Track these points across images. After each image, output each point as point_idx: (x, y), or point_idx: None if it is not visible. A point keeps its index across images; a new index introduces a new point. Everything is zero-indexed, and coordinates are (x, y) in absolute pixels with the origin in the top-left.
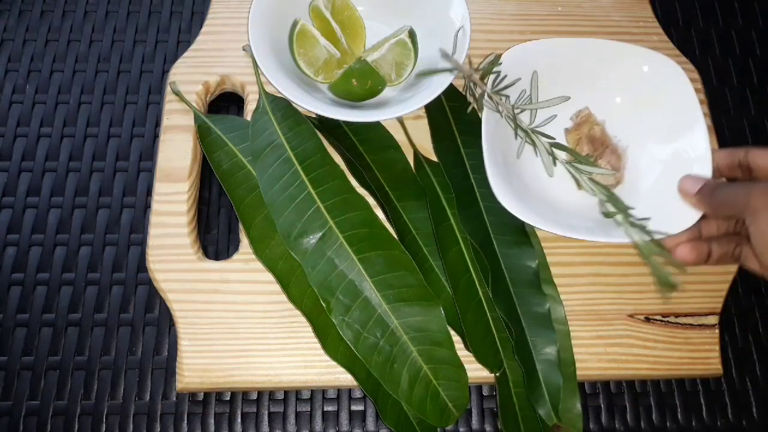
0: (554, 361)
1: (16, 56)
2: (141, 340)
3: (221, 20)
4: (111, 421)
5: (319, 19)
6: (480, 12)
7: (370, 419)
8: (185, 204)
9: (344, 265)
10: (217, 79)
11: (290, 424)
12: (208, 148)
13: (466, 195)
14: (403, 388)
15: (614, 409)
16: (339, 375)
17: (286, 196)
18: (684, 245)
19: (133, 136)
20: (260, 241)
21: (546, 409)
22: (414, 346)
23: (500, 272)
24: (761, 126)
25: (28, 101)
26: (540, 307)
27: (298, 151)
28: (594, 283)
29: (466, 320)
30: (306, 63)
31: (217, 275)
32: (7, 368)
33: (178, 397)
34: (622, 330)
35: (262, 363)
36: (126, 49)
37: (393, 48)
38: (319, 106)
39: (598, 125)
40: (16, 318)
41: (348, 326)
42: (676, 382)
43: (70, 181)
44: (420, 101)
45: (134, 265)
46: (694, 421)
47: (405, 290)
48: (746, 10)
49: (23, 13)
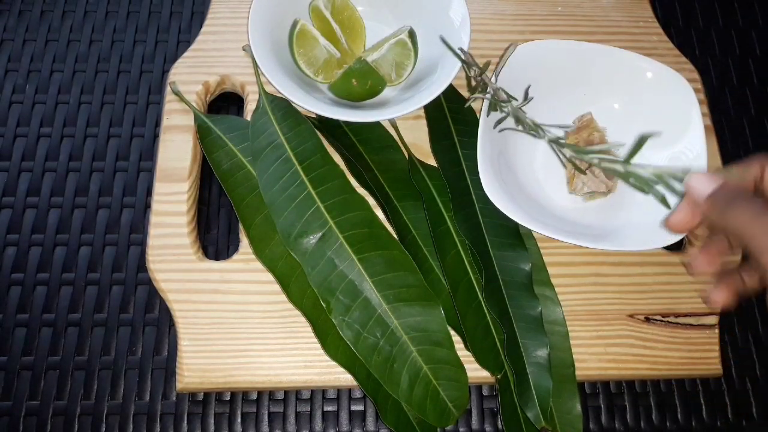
0: (545, 364)
1: (16, 56)
2: (141, 340)
3: (221, 20)
4: (111, 421)
5: (319, 19)
6: (480, 12)
7: (370, 419)
8: (185, 204)
9: (344, 265)
10: (217, 79)
11: (290, 424)
12: (208, 148)
13: (462, 196)
14: (403, 388)
15: (614, 409)
16: (339, 375)
17: (286, 196)
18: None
19: (133, 136)
20: (260, 241)
21: (534, 412)
22: (414, 346)
23: (493, 274)
24: (761, 126)
25: (28, 101)
26: (532, 310)
27: (298, 151)
28: (594, 283)
29: (467, 323)
30: (306, 63)
31: (217, 275)
32: (7, 368)
33: (178, 397)
34: (622, 330)
35: (262, 363)
36: (126, 49)
37: (393, 48)
38: (319, 106)
39: (598, 131)
40: (16, 318)
41: (348, 326)
42: (676, 382)
43: (70, 181)
44: (420, 101)
45: (134, 265)
46: (694, 421)
47: (405, 290)
48: (746, 10)
49: (23, 13)
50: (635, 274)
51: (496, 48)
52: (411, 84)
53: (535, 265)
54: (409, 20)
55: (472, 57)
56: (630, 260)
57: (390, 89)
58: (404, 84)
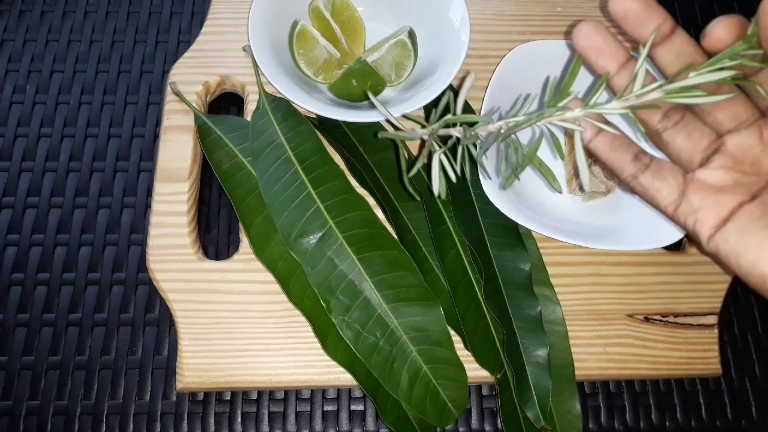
0: (544, 364)
1: (16, 56)
2: (141, 340)
3: (221, 20)
4: (111, 421)
5: (319, 19)
6: (480, 12)
7: (370, 419)
8: (185, 204)
9: (344, 265)
10: (217, 79)
11: (290, 424)
12: (208, 149)
13: (462, 195)
14: (403, 388)
15: (614, 409)
16: (339, 375)
17: (286, 196)
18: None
19: (133, 137)
20: (260, 241)
21: (534, 412)
22: (414, 345)
23: (493, 274)
24: None
25: (28, 101)
26: (531, 310)
27: (298, 152)
28: (593, 283)
29: (466, 323)
30: (306, 63)
31: (217, 275)
32: (7, 368)
33: (178, 396)
34: (621, 330)
35: (262, 363)
36: (126, 49)
37: (393, 48)
38: (319, 106)
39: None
40: (16, 318)
41: (348, 326)
42: (676, 381)
43: (71, 182)
44: (420, 101)
45: (134, 265)
46: (693, 421)
47: (405, 290)
48: (746, 10)
49: (23, 13)
50: (634, 274)
51: (496, 48)
52: (411, 84)
53: (535, 265)
54: (409, 21)
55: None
56: (629, 260)
57: (390, 89)
58: (404, 84)
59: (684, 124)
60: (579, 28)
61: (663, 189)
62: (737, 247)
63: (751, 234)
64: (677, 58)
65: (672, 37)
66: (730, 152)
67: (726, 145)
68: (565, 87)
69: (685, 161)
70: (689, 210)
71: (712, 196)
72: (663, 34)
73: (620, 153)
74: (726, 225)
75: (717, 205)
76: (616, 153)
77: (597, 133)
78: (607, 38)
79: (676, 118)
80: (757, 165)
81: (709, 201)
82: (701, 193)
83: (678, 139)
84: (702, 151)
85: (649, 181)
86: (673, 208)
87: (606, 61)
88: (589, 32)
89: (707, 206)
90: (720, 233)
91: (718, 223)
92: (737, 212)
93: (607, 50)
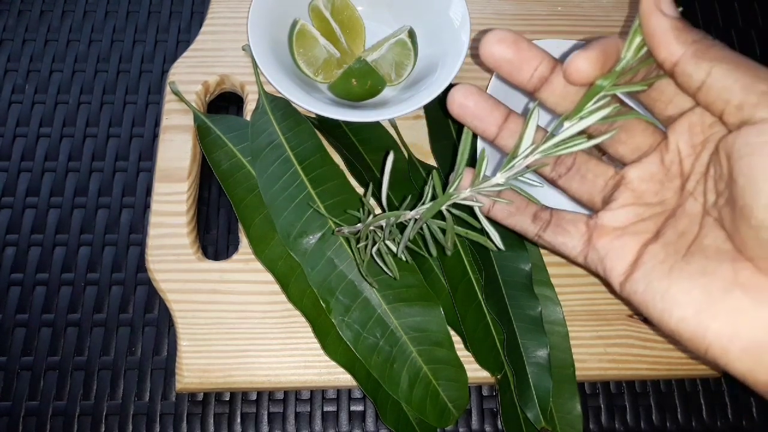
0: (545, 364)
1: (15, 56)
2: (140, 340)
3: (221, 20)
4: (110, 421)
5: (319, 19)
6: (480, 12)
7: (370, 419)
8: (185, 204)
9: (344, 265)
10: (217, 79)
11: (290, 425)
12: (208, 148)
13: None
14: (403, 389)
15: (614, 410)
16: (339, 375)
17: (286, 196)
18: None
19: (132, 136)
20: (260, 241)
21: (534, 412)
22: (414, 346)
23: (493, 274)
24: None
25: (27, 101)
26: (532, 310)
27: (298, 151)
28: (594, 283)
29: (466, 323)
30: (306, 63)
31: (216, 275)
32: (6, 368)
33: (178, 397)
34: (621, 330)
35: (262, 363)
36: (125, 49)
37: (393, 48)
38: (319, 106)
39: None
40: (15, 318)
41: (348, 326)
42: (676, 382)
43: (70, 181)
44: (420, 101)
45: (134, 266)
46: (694, 421)
47: (405, 290)
48: (746, 10)
49: (22, 13)
50: None
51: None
52: (411, 84)
53: (535, 265)
54: (409, 20)
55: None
56: None
57: (390, 89)
58: (404, 84)
59: (576, 168)
60: (451, 94)
61: (567, 242)
62: (645, 298)
63: (655, 283)
64: (563, 98)
65: (551, 77)
66: (632, 186)
67: (627, 177)
68: (459, 164)
69: (588, 203)
70: (597, 258)
71: (616, 240)
72: (541, 77)
73: (518, 217)
74: (634, 273)
75: (622, 249)
76: (515, 218)
77: (493, 204)
78: (478, 101)
79: (569, 164)
80: (660, 193)
81: (614, 246)
82: (605, 238)
83: (573, 184)
84: (600, 191)
85: (552, 237)
86: (582, 258)
87: (484, 125)
88: (459, 98)
89: (613, 252)
90: (629, 282)
91: (626, 269)
92: (643, 255)
93: (481, 114)
